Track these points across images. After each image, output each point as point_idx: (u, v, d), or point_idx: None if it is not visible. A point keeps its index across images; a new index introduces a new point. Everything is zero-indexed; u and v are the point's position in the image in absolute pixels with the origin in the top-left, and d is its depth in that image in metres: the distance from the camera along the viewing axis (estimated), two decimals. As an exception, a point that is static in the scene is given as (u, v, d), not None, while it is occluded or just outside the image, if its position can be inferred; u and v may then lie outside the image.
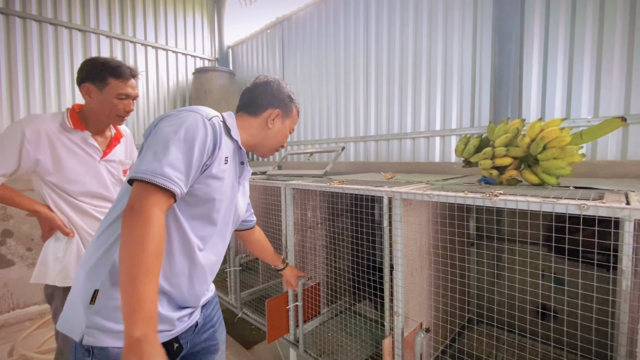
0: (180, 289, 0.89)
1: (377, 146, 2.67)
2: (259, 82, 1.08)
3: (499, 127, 1.31)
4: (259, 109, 1.07)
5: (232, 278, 2.21)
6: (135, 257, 0.68)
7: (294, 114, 1.15)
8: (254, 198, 2.29)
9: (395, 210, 1.19)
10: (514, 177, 1.30)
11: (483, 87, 2.06)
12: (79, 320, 0.80)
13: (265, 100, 1.07)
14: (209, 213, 0.90)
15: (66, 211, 1.36)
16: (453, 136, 2.20)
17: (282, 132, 1.11)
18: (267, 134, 1.08)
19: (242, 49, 4.15)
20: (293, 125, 1.17)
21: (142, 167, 0.75)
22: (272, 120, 1.07)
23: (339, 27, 2.90)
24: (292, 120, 1.14)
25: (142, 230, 0.70)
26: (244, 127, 1.04)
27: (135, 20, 3.52)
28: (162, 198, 0.75)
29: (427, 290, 1.39)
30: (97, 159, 1.42)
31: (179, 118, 0.82)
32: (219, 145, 0.87)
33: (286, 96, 1.10)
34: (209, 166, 0.85)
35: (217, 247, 0.97)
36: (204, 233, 0.91)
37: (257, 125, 1.06)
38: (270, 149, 1.12)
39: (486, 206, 0.97)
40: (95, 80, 1.34)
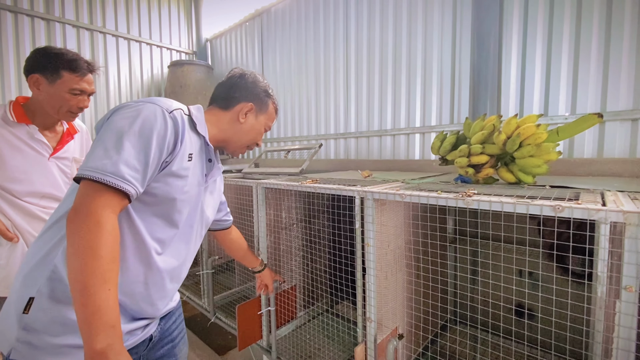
0: (133, 298, 0.81)
1: (357, 143, 2.60)
2: (234, 75, 1.02)
3: (475, 124, 1.26)
4: (231, 102, 1.00)
5: (204, 281, 2.11)
6: (88, 265, 0.61)
7: (270, 110, 1.07)
8: (228, 198, 2.19)
9: (368, 210, 1.13)
10: (491, 176, 1.26)
11: (462, 84, 2.03)
12: (10, 332, 0.71)
13: (238, 94, 1.00)
14: (169, 214, 0.83)
15: (9, 214, 1.24)
16: (433, 133, 2.15)
17: (255, 128, 1.04)
18: (238, 129, 1.01)
19: (221, 42, 4.01)
20: (269, 122, 1.09)
21: (91, 163, 0.68)
22: (244, 114, 1.00)
23: (318, 20, 2.82)
24: (267, 116, 1.07)
25: (93, 235, 0.63)
26: (213, 121, 0.97)
27: (105, 9, 3.34)
28: (114, 199, 0.68)
29: (403, 294, 1.34)
30: (45, 155, 1.31)
31: (135, 109, 0.74)
32: (181, 141, 0.80)
33: (262, 90, 1.03)
34: (169, 163, 0.78)
35: (179, 251, 0.89)
36: (163, 235, 0.83)
37: (228, 119, 0.99)
38: (241, 146, 1.05)
39: (459, 207, 0.92)
40: (45, 71, 1.22)
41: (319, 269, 1.96)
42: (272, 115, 1.10)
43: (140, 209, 0.78)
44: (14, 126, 1.23)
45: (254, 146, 1.09)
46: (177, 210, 0.84)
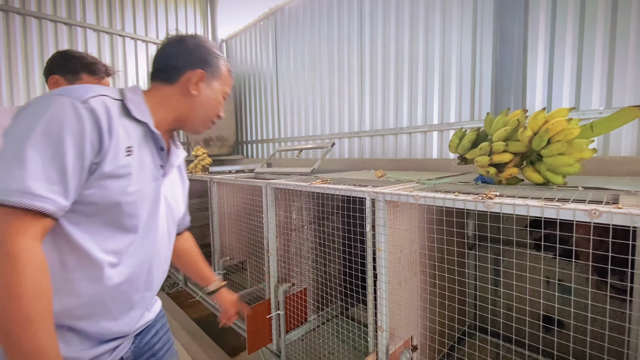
0: (93, 319, 0.71)
1: (372, 142, 2.52)
2: (171, 41, 0.86)
3: (498, 119, 1.16)
4: (175, 73, 0.84)
5: (216, 282, 2.09)
6: (5, 308, 0.53)
7: (224, 73, 0.91)
8: (239, 198, 2.17)
9: (379, 213, 1.06)
10: (515, 176, 1.15)
11: (484, 77, 1.90)
12: None
13: (181, 61, 0.84)
14: (118, 220, 0.71)
15: None
16: (451, 130, 2.04)
17: (212, 98, 0.89)
18: (192, 103, 0.85)
19: (236, 42, 4.01)
20: (227, 88, 0.94)
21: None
22: (195, 84, 0.84)
23: (332, 17, 2.75)
24: (222, 81, 0.91)
25: (5, 271, 0.54)
26: (159, 101, 0.83)
27: (124, 13, 3.41)
28: (28, 222, 0.57)
29: (418, 302, 1.26)
30: None
31: (39, 106, 0.61)
32: (109, 134, 0.67)
33: (208, 52, 0.87)
34: (99, 164, 0.66)
35: (144, 257, 0.78)
36: (117, 245, 0.72)
37: (177, 94, 0.84)
38: (201, 122, 0.90)
39: (478, 210, 0.83)
40: (66, 73, 1.24)
41: (331, 272, 1.89)
42: (228, 79, 0.94)
43: (80, 222, 0.67)
44: None
45: (216, 119, 0.95)
46: (128, 215, 0.72)
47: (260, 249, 1.97)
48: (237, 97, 4.00)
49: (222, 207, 2.14)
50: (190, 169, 2.50)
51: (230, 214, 2.17)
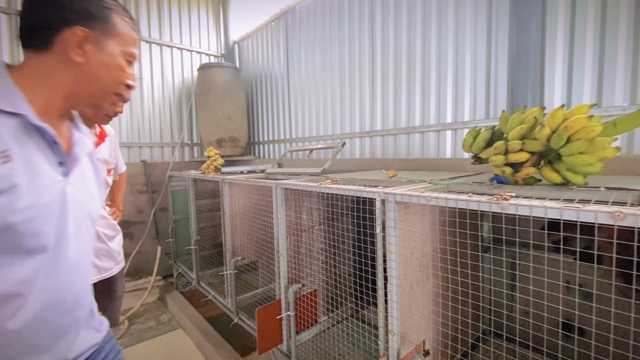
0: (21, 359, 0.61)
1: (383, 142, 2.49)
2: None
3: (514, 117, 1.12)
4: (47, 34, 0.62)
5: (227, 281, 2.11)
6: None
7: (121, 28, 0.68)
8: (250, 198, 2.18)
9: (389, 214, 1.03)
10: (532, 176, 1.11)
11: (499, 74, 1.85)
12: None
13: (53, 16, 0.61)
14: (16, 244, 0.57)
15: None
16: (465, 129, 1.99)
17: (109, 64, 0.67)
18: (79, 75, 0.64)
19: (247, 44, 4.04)
20: (130, 47, 0.71)
21: None
22: (77, 48, 0.63)
23: (343, 16, 2.73)
24: (121, 39, 0.68)
25: None
26: (37, 77, 0.62)
27: (139, 16, 3.48)
28: None
29: (430, 306, 1.23)
30: None
31: None
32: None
33: (91, 1, 0.65)
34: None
35: (61, 273, 0.64)
36: (22, 274, 0.58)
37: (57, 64, 0.63)
38: (100, 99, 0.70)
39: (493, 212, 0.80)
40: None
41: (342, 273, 1.88)
42: (129, 36, 0.70)
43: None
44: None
45: (125, 92, 0.73)
46: (29, 235, 0.58)
47: (271, 249, 1.97)
48: (249, 98, 4.03)
49: (233, 207, 2.15)
50: (202, 169, 2.52)
51: (242, 214, 2.18)
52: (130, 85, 0.75)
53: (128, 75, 0.73)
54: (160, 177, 3.45)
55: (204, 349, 2.19)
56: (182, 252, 3.11)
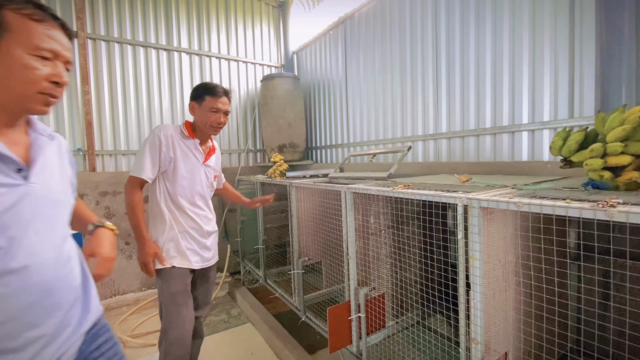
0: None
1: (449, 144, 2.42)
2: None
3: (612, 117, 1.04)
4: None
5: (295, 280, 2.22)
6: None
7: (19, 24, 0.65)
8: (314, 202, 2.27)
9: (473, 220, 1.02)
10: (635, 180, 1.02)
11: (585, 68, 1.70)
12: None
13: None
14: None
15: (172, 209, 1.62)
16: (545, 130, 1.86)
17: (11, 66, 0.65)
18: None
19: (306, 53, 4.20)
20: (34, 43, 0.66)
21: None
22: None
23: (404, 19, 2.72)
24: (21, 35, 0.65)
25: None
26: None
27: (210, 35, 3.82)
28: None
29: (514, 315, 1.18)
30: (200, 161, 1.69)
31: None
32: None
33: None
34: None
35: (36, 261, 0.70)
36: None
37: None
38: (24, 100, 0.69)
39: (598, 219, 0.76)
40: (197, 98, 1.64)
41: (410, 278, 1.86)
42: (32, 30, 0.66)
43: None
44: (186, 139, 1.65)
45: (49, 89, 0.70)
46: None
47: (335, 250, 2.03)
48: (307, 104, 4.18)
49: (299, 210, 2.26)
50: (269, 174, 2.69)
51: (307, 217, 2.28)
52: (60, 82, 0.71)
53: (45, 72, 0.68)
54: (229, 181, 3.72)
55: (273, 344, 2.32)
56: (249, 250, 3.33)
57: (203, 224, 1.69)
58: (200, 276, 1.73)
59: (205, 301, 1.80)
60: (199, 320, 1.76)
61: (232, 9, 3.98)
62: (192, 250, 1.64)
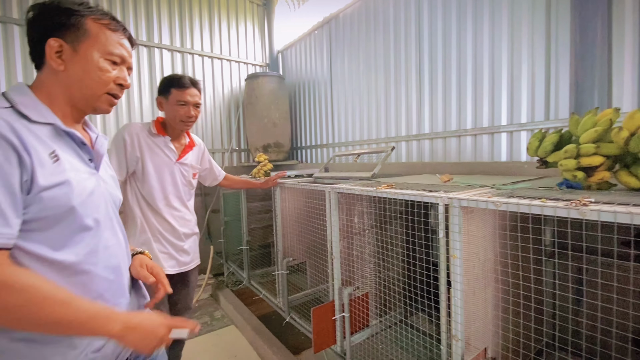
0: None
1: (431, 145, 2.46)
2: (27, 14, 0.72)
3: (586, 119, 1.08)
4: (36, 53, 0.72)
5: (279, 281, 2.20)
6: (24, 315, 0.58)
7: (93, 30, 0.73)
8: (299, 202, 2.26)
9: (454, 219, 1.04)
10: (606, 181, 1.06)
11: (560, 72, 1.76)
12: None
13: (37, 36, 0.71)
14: (78, 223, 0.70)
15: (145, 211, 1.56)
16: (523, 131, 1.92)
17: (88, 68, 0.73)
18: (65, 82, 0.73)
19: (291, 53, 4.18)
20: (108, 47, 0.75)
21: None
22: (55, 58, 0.71)
23: (388, 21, 2.75)
24: (98, 41, 0.74)
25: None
26: (46, 91, 0.72)
27: (193, 32, 3.75)
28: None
29: (493, 312, 1.21)
30: (173, 160, 1.61)
31: None
32: (24, 149, 0.61)
33: (59, 12, 0.71)
34: (31, 181, 0.62)
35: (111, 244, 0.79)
36: (87, 247, 0.72)
37: (50, 77, 0.73)
38: (92, 100, 0.76)
39: (572, 218, 0.79)
40: (163, 92, 1.56)
41: (393, 277, 1.88)
42: (107, 37, 0.75)
43: (38, 239, 0.65)
44: (155, 137, 1.57)
45: (117, 90, 0.79)
46: (86, 215, 0.71)
47: (320, 251, 2.03)
48: (292, 104, 4.16)
49: (284, 210, 2.25)
50: (253, 174, 2.66)
51: (291, 217, 2.27)
52: (124, 85, 0.80)
53: (114, 75, 0.78)
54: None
55: (257, 346, 2.29)
56: (232, 251, 3.28)
57: (179, 225, 1.62)
58: (179, 280, 1.67)
59: (186, 306, 1.75)
60: None
61: (216, 5, 3.92)
62: (167, 254, 1.58)
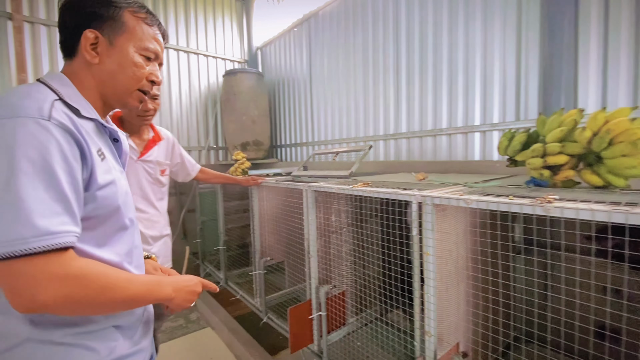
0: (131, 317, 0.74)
1: (408, 144, 2.49)
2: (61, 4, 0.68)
3: (552, 120, 1.12)
4: (69, 42, 0.68)
5: (257, 281, 2.17)
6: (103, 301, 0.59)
7: (131, 24, 0.69)
8: (277, 200, 2.24)
9: (427, 217, 1.05)
10: (571, 179, 1.11)
11: (530, 76, 1.83)
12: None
13: (70, 25, 0.66)
14: (120, 223, 0.70)
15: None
16: (495, 131, 1.98)
17: (123, 62, 0.69)
18: (100, 75, 0.68)
19: (270, 49, 4.13)
20: (144, 42, 0.71)
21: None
22: (90, 50, 0.66)
23: (367, 20, 2.76)
24: (134, 36, 0.70)
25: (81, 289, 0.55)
26: (79, 84, 0.67)
27: (167, 25, 3.62)
28: (56, 260, 0.53)
29: (465, 307, 1.23)
30: (134, 158, 1.52)
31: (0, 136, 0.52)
32: (86, 145, 0.60)
33: (99, 1, 0.67)
34: (90, 178, 0.61)
35: (138, 244, 0.78)
36: (125, 246, 0.71)
37: (83, 69, 0.68)
38: (124, 96, 0.72)
39: (537, 215, 0.81)
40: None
41: (370, 275, 1.90)
42: (142, 31, 0.71)
43: (87, 239, 0.62)
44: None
45: (149, 88, 0.75)
46: (125, 214, 0.71)
47: (298, 250, 2.02)
48: (271, 102, 4.11)
49: (261, 209, 2.21)
50: (230, 172, 2.60)
51: (269, 216, 2.24)
52: (155, 82, 0.75)
53: (148, 70, 0.74)
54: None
55: (234, 348, 2.25)
56: (209, 252, 3.21)
57: (145, 228, 1.54)
58: None
59: (157, 312, 1.68)
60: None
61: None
62: None
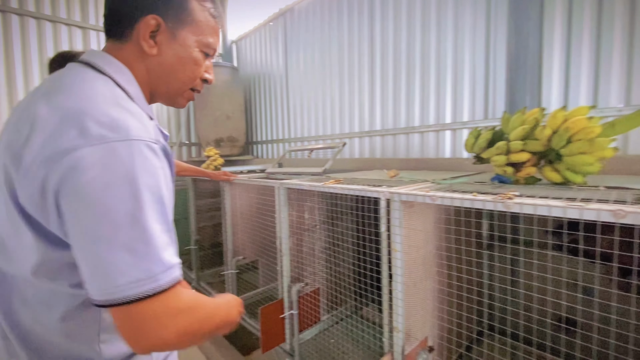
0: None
1: (382, 141, 2.51)
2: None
3: (515, 118, 1.15)
4: (124, 23, 0.58)
5: (229, 281, 2.12)
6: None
7: (198, 16, 0.61)
8: (251, 198, 2.19)
9: (394, 213, 1.05)
10: (532, 176, 1.14)
11: (498, 75, 1.88)
12: None
13: (130, 4, 0.57)
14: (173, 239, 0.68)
15: None
16: (465, 129, 2.02)
17: (184, 57, 0.61)
18: (155, 70, 0.61)
19: (245, 43, 4.04)
20: (207, 37, 0.64)
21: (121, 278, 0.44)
22: (149, 39, 0.58)
23: (342, 16, 2.75)
24: (198, 28, 0.62)
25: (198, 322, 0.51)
26: (121, 66, 0.59)
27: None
28: (173, 294, 0.48)
29: (433, 303, 1.25)
30: None
31: (119, 164, 0.46)
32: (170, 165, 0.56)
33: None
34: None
35: None
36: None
37: (135, 57, 0.59)
38: (175, 94, 0.66)
39: (498, 210, 0.82)
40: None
41: (344, 271, 1.89)
42: (207, 24, 0.63)
43: None
44: None
45: (199, 86, 0.68)
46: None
47: (272, 248, 1.98)
48: (247, 97, 4.02)
49: (234, 207, 2.16)
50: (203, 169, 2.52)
51: (242, 214, 2.19)
52: (208, 80, 0.68)
53: (201, 69, 0.66)
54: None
55: (205, 349, 2.19)
56: (180, 252, 3.10)
57: None
58: None
59: None
60: None
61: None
62: None
